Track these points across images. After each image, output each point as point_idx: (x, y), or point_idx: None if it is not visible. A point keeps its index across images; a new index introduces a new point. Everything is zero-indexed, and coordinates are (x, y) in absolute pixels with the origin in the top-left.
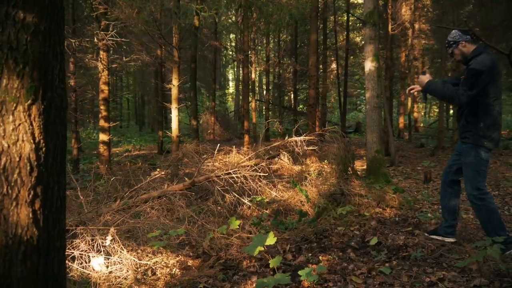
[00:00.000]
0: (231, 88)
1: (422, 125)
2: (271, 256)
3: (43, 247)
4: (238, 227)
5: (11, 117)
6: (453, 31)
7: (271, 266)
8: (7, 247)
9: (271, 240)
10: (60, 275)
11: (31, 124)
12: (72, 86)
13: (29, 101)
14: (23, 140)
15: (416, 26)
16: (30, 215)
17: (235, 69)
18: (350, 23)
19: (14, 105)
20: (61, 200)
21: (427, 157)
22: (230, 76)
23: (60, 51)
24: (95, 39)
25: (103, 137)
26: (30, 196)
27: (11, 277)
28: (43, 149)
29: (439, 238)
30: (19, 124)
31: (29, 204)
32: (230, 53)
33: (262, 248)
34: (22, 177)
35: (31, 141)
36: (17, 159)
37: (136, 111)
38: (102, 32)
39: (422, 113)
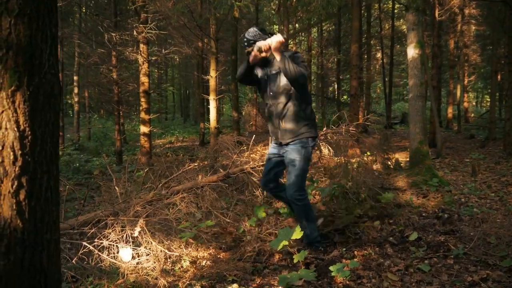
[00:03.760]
0: None
1: (473, 115)
2: (297, 250)
3: (29, 240)
4: (264, 215)
5: None
6: (252, 29)
7: (295, 261)
8: None
9: (297, 234)
10: (51, 269)
11: (15, 111)
12: (114, 79)
13: (13, 87)
14: (6, 128)
15: (466, 11)
16: (14, 207)
17: None
18: (396, 10)
19: None
20: (51, 191)
21: (476, 149)
22: None
23: (50, 34)
24: (135, 32)
25: (144, 129)
26: (14, 186)
27: None
28: (29, 137)
29: None
30: (2, 111)
31: (13, 195)
32: None
33: (286, 243)
34: (5, 167)
35: (15, 129)
36: (0, 148)
37: (181, 103)
38: (142, 25)
39: (474, 103)
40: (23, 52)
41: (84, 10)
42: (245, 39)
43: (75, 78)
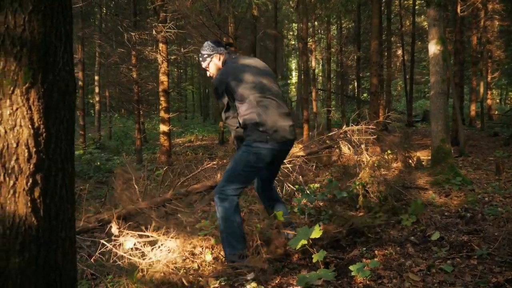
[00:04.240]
0: (294, 78)
1: (496, 112)
2: (316, 250)
3: (44, 238)
4: (282, 219)
5: (8, 101)
6: (206, 43)
7: (314, 260)
8: (4, 237)
9: (317, 233)
10: (66, 266)
11: (30, 108)
12: (134, 78)
13: (27, 84)
14: (21, 126)
15: (490, 6)
16: (29, 204)
17: (298, 58)
18: (417, 6)
19: (12, 88)
20: (66, 188)
21: (500, 147)
22: (293, 66)
23: (65, 32)
24: (154, 31)
25: (163, 127)
26: (29, 184)
27: (9, 268)
28: (44, 134)
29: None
30: (17, 109)
31: (28, 193)
32: (293, 42)
33: (305, 242)
34: (20, 164)
35: (30, 126)
36: (15, 145)
37: (201, 102)
38: (161, 25)
39: (497, 100)
40: (38, 49)
41: (104, 11)
42: (200, 55)
43: (96, 77)
